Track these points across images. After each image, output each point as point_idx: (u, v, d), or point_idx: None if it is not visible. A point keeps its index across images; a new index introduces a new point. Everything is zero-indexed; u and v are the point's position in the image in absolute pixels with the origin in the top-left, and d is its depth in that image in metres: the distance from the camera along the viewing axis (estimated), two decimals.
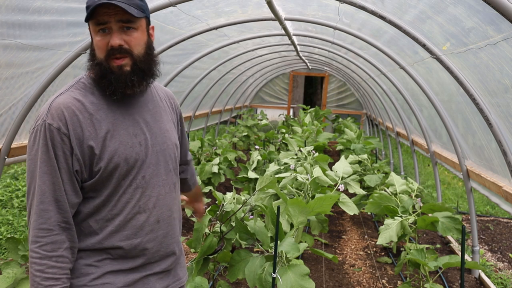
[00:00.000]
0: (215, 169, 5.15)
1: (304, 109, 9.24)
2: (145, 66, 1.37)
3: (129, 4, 1.29)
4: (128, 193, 1.37)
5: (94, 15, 1.29)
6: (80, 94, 1.34)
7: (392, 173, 3.96)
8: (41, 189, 1.27)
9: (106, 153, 1.32)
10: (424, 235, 4.75)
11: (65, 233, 1.30)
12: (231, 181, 4.83)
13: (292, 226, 2.76)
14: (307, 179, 3.34)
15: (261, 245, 2.39)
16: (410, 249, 3.26)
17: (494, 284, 3.62)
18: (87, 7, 1.30)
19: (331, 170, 3.73)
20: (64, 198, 1.29)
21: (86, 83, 1.38)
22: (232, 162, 5.66)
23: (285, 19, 4.11)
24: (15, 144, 2.92)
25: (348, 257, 4.18)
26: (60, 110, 1.29)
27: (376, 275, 3.79)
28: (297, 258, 3.57)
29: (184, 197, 1.96)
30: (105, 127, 1.33)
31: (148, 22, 1.41)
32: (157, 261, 1.46)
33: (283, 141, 6.02)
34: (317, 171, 3.36)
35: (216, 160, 5.26)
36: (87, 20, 1.31)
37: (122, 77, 1.33)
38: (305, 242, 3.28)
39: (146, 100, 1.46)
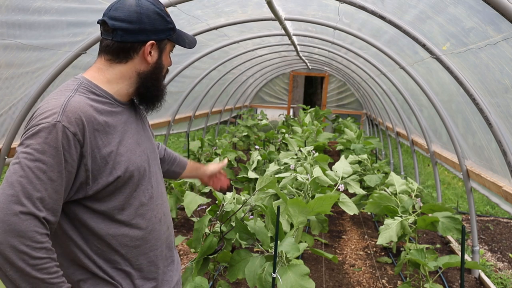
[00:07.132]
0: None
1: (304, 109, 9.23)
2: None
3: None
4: (148, 204, 1.36)
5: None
6: (89, 99, 1.24)
7: (392, 173, 3.96)
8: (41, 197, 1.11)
9: (122, 162, 1.26)
10: (424, 235, 4.75)
11: None
12: (231, 181, 4.83)
13: (292, 226, 2.76)
14: (307, 179, 3.34)
15: (261, 245, 2.39)
16: (410, 249, 3.25)
17: (494, 284, 3.62)
18: (173, 27, 1.37)
19: (331, 170, 3.73)
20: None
21: (88, 88, 1.28)
22: (232, 162, 5.66)
23: (285, 19, 4.11)
24: (15, 144, 2.92)
25: (348, 257, 4.18)
26: (77, 114, 1.17)
27: (376, 275, 3.79)
28: (297, 258, 3.57)
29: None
30: (117, 135, 1.28)
31: None
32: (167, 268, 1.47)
33: (283, 141, 6.02)
34: (317, 171, 3.36)
35: (216, 160, 5.26)
36: (170, 39, 1.37)
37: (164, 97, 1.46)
38: (305, 242, 3.28)
39: (136, 108, 1.47)
